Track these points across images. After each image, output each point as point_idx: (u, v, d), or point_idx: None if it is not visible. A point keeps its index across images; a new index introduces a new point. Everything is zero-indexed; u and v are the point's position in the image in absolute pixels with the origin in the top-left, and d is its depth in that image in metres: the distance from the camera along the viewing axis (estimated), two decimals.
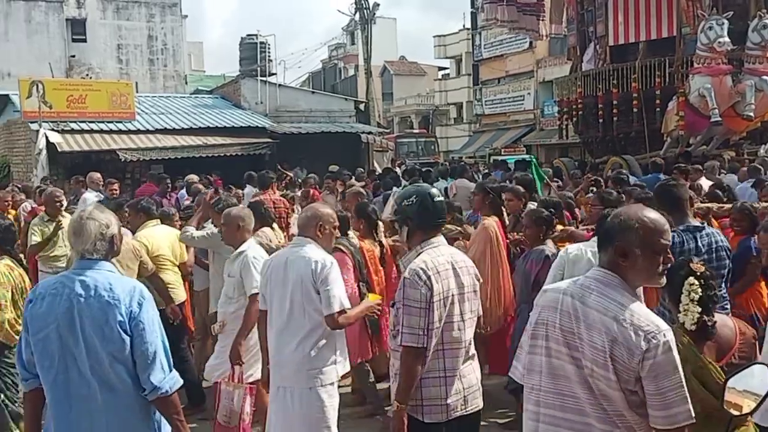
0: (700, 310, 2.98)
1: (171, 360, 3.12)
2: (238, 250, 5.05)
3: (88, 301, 2.96)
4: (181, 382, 3.15)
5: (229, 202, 6.19)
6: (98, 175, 12.35)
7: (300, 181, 13.70)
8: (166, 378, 3.05)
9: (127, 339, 2.97)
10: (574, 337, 2.42)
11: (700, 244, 4.24)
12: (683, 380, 2.33)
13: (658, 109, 14.75)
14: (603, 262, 2.51)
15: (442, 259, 3.56)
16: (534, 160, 10.82)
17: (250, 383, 4.84)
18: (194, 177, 13.14)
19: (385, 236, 6.50)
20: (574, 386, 2.42)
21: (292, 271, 4.15)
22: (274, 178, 10.60)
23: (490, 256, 5.87)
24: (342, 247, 5.83)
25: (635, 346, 2.30)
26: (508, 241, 6.09)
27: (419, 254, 3.58)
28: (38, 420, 3.17)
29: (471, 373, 3.65)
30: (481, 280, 3.84)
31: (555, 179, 13.25)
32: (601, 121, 16.23)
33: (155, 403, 3.06)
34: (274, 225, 7.05)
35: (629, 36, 16.63)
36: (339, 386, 4.35)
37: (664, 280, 2.51)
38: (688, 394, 2.33)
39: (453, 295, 3.54)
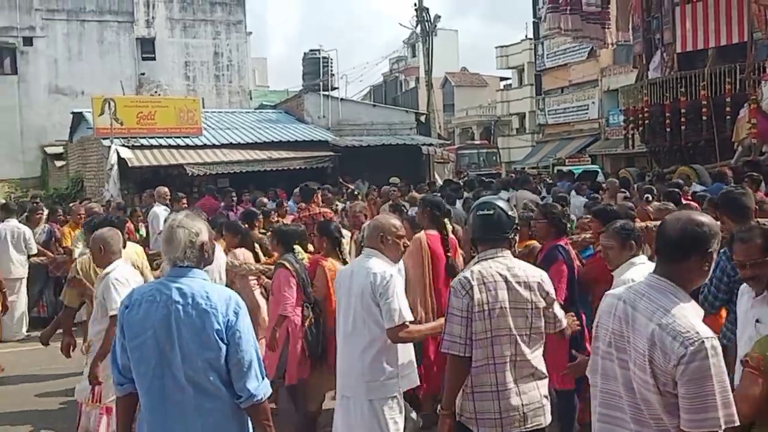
0: None
1: (264, 368, 3.18)
2: (104, 272, 5.05)
3: (186, 309, 3.02)
4: (271, 390, 3.22)
5: (95, 222, 6.17)
6: (165, 189, 12.62)
7: (358, 193, 13.79)
8: (260, 386, 3.10)
9: (224, 347, 3.02)
10: (623, 340, 2.54)
11: None
12: (722, 389, 2.34)
13: (728, 117, 14.38)
14: (658, 268, 2.59)
15: (492, 270, 3.53)
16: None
17: (108, 404, 4.83)
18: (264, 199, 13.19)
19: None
20: (620, 387, 2.56)
21: (356, 282, 4.19)
22: (317, 190, 10.09)
23: (417, 268, 5.74)
24: (286, 264, 5.84)
25: (671, 351, 2.38)
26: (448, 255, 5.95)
27: (473, 265, 3.60)
28: (129, 425, 3.25)
29: (533, 390, 3.57)
30: (553, 298, 3.73)
31: (622, 189, 12.99)
32: (668, 129, 15.89)
33: (248, 410, 3.11)
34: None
35: (698, 43, 16.24)
36: None
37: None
38: (724, 402, 2.33)
39: (503, 308, 3.48)
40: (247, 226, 7.66)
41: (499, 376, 3.48)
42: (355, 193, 14.21)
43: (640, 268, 4.15)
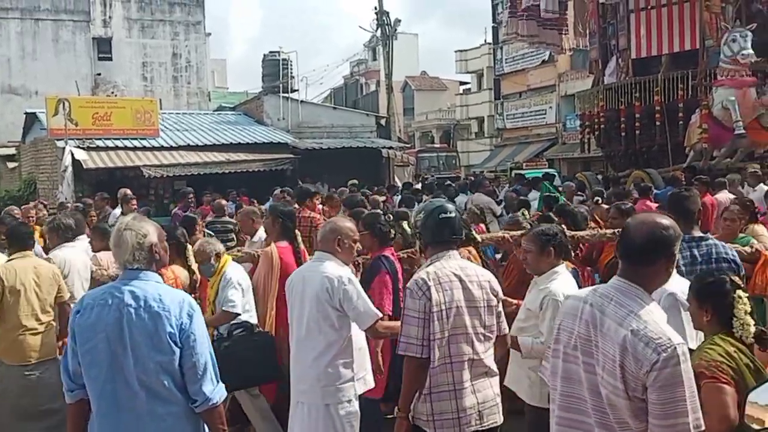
0: (753, 322, 3.05)
1: (218, 371, 3.15)
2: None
3: (138, 312, 2.97)
4: (226, 393, 3.18)
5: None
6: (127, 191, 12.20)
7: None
8: (215, 389, 3.08)
9: (177, 350, 2.98)
10: (590, 344, 2.51)
11: (697, 253, 4.23)
12: (691, 394, 2.36)
13: (681, 122, 14.63)
14: (623, 271, 2.56)
15: (447, 271, 3.56)
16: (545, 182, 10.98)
17: None
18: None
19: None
20: (584, 391, 2.53)
21: (309, 287, 4.14)
22: (316, 193, 9.09)
23: (268, 280, 5.69)
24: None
25: (644, 357, 2.36)
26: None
27: (426, 267, 3.62)
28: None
29: (488, 388, 3.63)
30: (502, 295, 3.81)
31: (578, 193, 13.21)
32: (623, 134, 16.11)
33: (204, 414, 3.07)
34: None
35: (652, 49, 16.56)
36: None
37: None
38: (693, 407, 2.35)
39: (459, 307, 3.52)
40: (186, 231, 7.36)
41: (456, 375, 3.50)
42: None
43: (563, 280, 4.17)
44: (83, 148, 19.43)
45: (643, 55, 16.77)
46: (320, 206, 9.24)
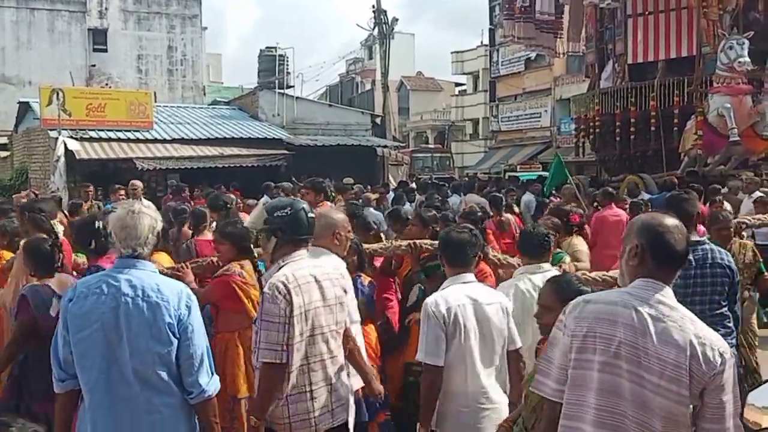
0: None
1: (212, 363, 3.12)
2: None
3: (136, 302, 2.93)
4: (220, 386, 3.15)
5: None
6: (139, 183, 11.96)
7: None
8: (211, 381, 3.06)
9: (175, 341, 2.96)
10: (637, 351, 2.35)
11: (692, 258, 4.17)
12: (735, 398, 2.38)
13: (676, 128, 14.67)
14: (654, 273, 2.46)
15: (304, 272, 3.51)
16: (559, 157, 11.05)
17: None
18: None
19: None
20: (627, 404, 2.35)
21: None
22: (328, 187, 8.98)
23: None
24: None
25: (712, 360, 2.32)
26: None
27: (281, 268, 3.52)
28: (69, 423, 3.11)
29: (342, 386, 3.63)
30: (351, 290, 3.84)
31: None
32: (618, 139, 16.15)
33: (198, 406, 3.05)
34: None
35: (648, 54, 16.59)
36: None
37: None
38: (736, 410, 2.38)
39: (316, 308, 3.49)
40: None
41: (313, 376, 3.48)
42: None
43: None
44: (76, 139, 19.30)
45: (639, 60, 16.81)
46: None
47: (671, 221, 2.50)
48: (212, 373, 3.08)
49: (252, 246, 4.78)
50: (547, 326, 3.05)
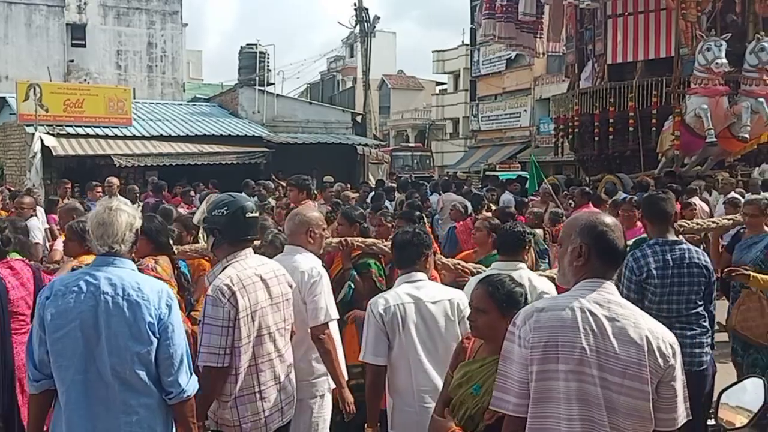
0: None
1: (191, 363, 3.09)
2: None
3: (116, 300, 2.89)
4: (198, 386, 3.12)
5: None
6: (115, 180, 11.85)
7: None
8: (190, 381, 3.03)
9: (155, 341, 2.92)
10: (599, 354, 2.34)
11: (669, 258, 4.22)
12: (683, 385, 2.43)
13: (654, 129, 14.77)
14: (594, 271, 2.47)
15: (249, 272, 3.49)
16: (534, 159, 11.04)
17: None
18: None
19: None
20: (603, 411, 2.33)
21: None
22: (312, 186, 9.09)
23: None
24: None
25: (665, 355, 2.37)
26: None
27: (225, 268, 3.49)
28: (42, 425, 3.06)
29: (288, 384, 3.66)
30: (294, 286, 3.84)
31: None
32: (596, 139, 16.24)
33: (176, 407, 3.01)
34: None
35: (627, 55, 16.72)
36: None
37: None
38: (685, 397, 2.43)
39: (263, 308, 3.49)
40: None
41: (262, 376, 3.49)
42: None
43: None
44: (53, 135, 19.14)
45: (618, 60, 16.92)
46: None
47: (610, 220, 2.55)
48: (191, 373, 3.05)
49: (170, 241, 4.68)
50: (480, 329, 3.02)
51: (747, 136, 12.98)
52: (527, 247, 4.28)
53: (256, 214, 3.72)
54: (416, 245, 3.79)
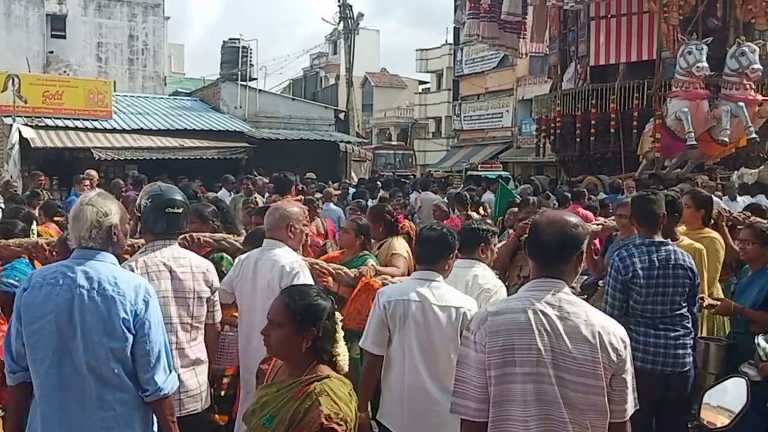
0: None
1: (170, 360, 3.05)
2: None
3: (91, 294, 2.84)
4: (178, 383, 3.08)
5: None
6: (94, 172, 11.77)
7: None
8: (168, 379, 2.98)
9: (130, 337, 2.87)
10: (554, 354, 2.37)
11: (655, 258, 4.22)
12: (632, 375, 2.45)
13: (635, 131, 14.86)
14: (540, 271, 2.49)
15: (157, 260, 3.59)
16: (502, 185, 11.06)
17: None
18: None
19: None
20: (562, 409, 2.36)
21: (261, 274, 4.07)
22: (295, 182, 8.95)
23: None
24: None
25: (617, 349, 2.39)
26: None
27: (137, 256, 3.61)
28: (20, 416, 3.01)
29: (192, 378, 3.68)
30: (216, 286, 3.88)
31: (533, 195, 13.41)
32: (578, 140, 16.31)
33: (154, 404, 2.96)
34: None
35: (610, 57, 16.80)
36: None
37: None
38: (633, 387, 2.45)
39: (165, 297, 3.55)
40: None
41: None
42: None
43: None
44: (32, 126, 18.95)
45: (601, 62, 17.01)
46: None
47: (549, 216, 2.55)
48: (170, 371, 3.00)
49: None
50: (272, 346, 2.63)
51: (726, 139, 13.08)
52: (484, 244, 4.18)
53: (180, 210, 3.76)
54: (440, 245, 3.72)
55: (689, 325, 4.26)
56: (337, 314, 2.63)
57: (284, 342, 2.55)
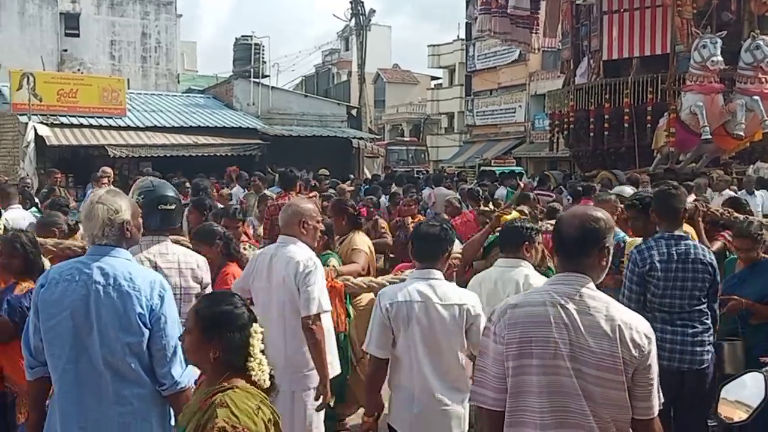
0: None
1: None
2: None
3: (107, 290, 2.86)
4: (196, 376, 3.08)
5: None
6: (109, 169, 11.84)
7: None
8: (184, 373, 2.98)
9: (146, 332, 2.89)
10: (572, 347, 2.38)
11: (674, 252, 4.19)
12: (656, 374, 2.44)
13: (649, 125, 14.77)
14: (565, 265, 2.50)
15: (141, 256, 3.61)
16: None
17: None
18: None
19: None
20: (582, 402, 2.37)
21: (276, 270, 4.06)
22: (299, 177, 9.22)
23: None
24: None
25: (639, 345, 2.38)
26: None
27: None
28: (42, 411, 3.04)
29: None
30: (207, 283, 3.87)
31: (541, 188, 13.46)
32: (591, 135, 16.22)
33: (171, 398, 2.98)
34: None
35: (623, 51, 16.68)
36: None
37: None
38: (658, 386, 2.44)
39: None
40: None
41: None
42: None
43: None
44: (47, 124, 19.07)
45: (614, 56, 16.89)
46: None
47: (573, 211, 2.59)
48: (186, 364, 3.00)
49: None
50: (187, 351, 2.53)
51: (742, 133, 13.00)
52: (530, 243, 4.12)
53: (173, 207, 3.77)
54: (441, 240, 3.67)
55: (708, 321, 4.21)
56: (256, 326, 2.51)
57: (192, 349, 2.47)
